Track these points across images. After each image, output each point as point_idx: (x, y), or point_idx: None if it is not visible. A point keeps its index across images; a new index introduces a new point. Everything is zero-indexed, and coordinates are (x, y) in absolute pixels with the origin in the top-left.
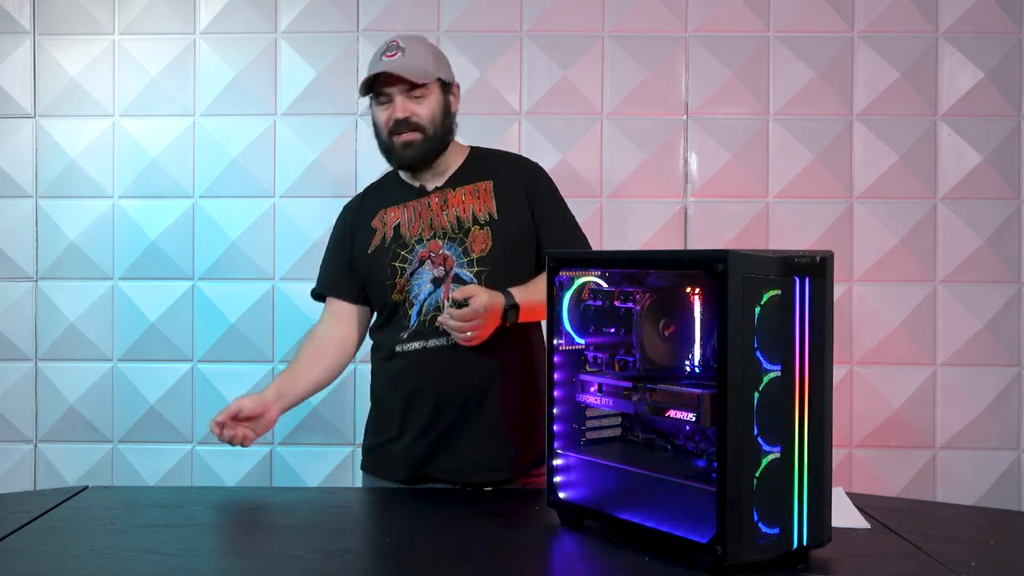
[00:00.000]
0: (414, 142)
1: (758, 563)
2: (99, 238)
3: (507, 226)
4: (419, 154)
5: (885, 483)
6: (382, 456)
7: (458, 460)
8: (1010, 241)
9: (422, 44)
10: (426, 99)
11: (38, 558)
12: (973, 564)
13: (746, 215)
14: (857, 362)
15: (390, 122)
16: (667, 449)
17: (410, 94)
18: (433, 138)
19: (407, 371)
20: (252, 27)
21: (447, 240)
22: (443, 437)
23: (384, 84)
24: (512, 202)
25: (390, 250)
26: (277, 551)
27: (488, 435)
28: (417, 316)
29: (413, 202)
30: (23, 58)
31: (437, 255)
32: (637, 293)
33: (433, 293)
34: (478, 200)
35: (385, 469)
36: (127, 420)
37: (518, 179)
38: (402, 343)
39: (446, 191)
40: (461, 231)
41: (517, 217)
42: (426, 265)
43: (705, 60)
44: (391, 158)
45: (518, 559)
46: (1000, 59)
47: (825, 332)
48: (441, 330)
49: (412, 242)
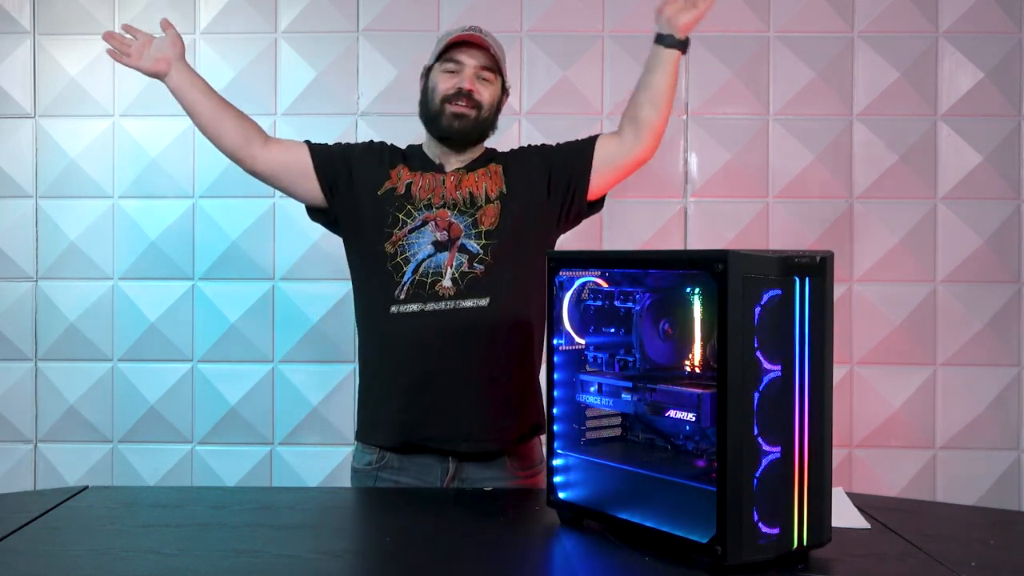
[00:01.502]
0: (467, 116)
1: (758, 563)
2: (99, 238)
3: (518, 200)
4: (465, 129)
5: (885, 483)
6: (373, 422)
7: (449, 428)
8: (1010, 241)
9: (499, 44)
10: (492, 85)
11: (38, 558)
12: (973, 564)
13: (746, 215)
14: (857, 362)
15: (453, 89)
16: (667, 449)
17: (480, 72)
18: (482, 122)
19: (402, 333)
20: (252, 27)
21: (456, 211)
22: (435, 403)
23: (461, 52)
24: (523, 176)
25: (397, 200)
26: (277, 551)
27: (480, 404)
28: (412, 274)
29: (430, 174)
30: (23, 58)
31: (443, 220)
32: (637, 293)
33: (433, 256)
34: (490, 180)
35: (376, 436)
36: (127, 420)
37: (526, 155)
38: (398, 303)
39: (461, 173)
40: (473, 207)
41: (529, 193)
42: (429, 226)
43: (705, 60)
44: (435, 123)
45: (518, 559)
46: (1000, 59)
47: (825, 332)
48: (440, 294)
49: (421, 204)
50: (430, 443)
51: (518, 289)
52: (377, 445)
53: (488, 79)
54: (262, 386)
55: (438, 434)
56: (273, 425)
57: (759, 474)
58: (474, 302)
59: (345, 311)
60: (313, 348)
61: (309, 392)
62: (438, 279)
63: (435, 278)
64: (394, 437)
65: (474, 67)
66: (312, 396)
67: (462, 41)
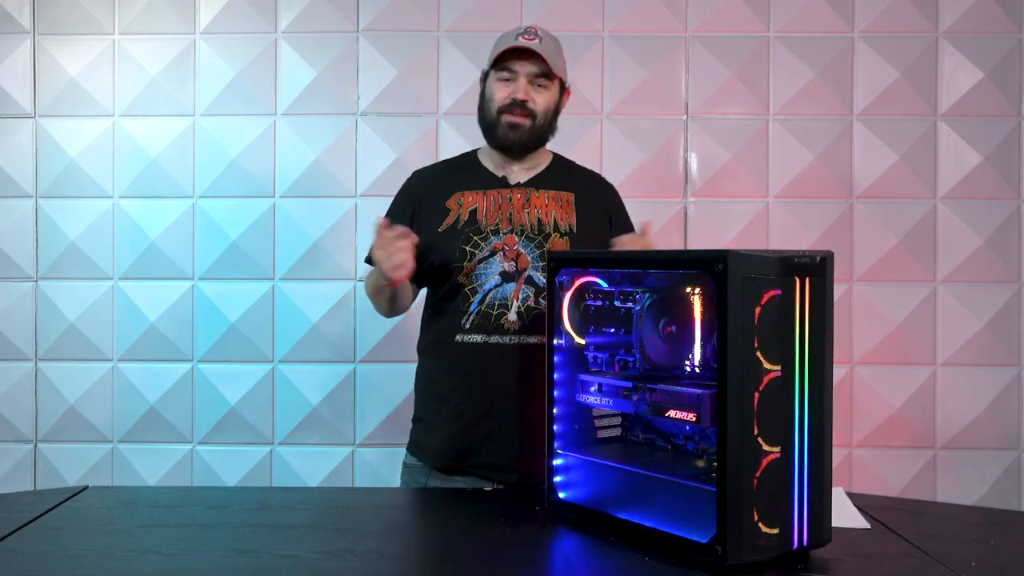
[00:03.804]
0: (522, 126)
1: (758, 563)
2: (99, 238)
3: (585, 241)
4: (522, 139)
5: (885, 483)
6: (425, 442)
7: (498, 458)
8: (1010, 241)
9: (555, 41)
10: (547, 91)
11: (38, 558)
12: (973, 564)
13: (746, 215)
14: (857, 362)
15: (507, 99)
16: (667, 449)
17: (535, 80)
18: (539, 129)
19: (464, 363)
20: (252, 27)
21: (524, 238)
22: (490, 434)
23: (515, 61)
24: (593, 218)
25: (462, 233)
26: (277, 551)
27: (531, 440)
28: (479, 305)
29: (494, 192)
30: (23, 58)
31: (511, 249)
32: (637, 293)
33: (500, 287)
34: (560, 208)
35: (425, 456)
36: (127, 420)
37: (600, 197)
38: (463, 332)
39: (529, 190)
40: (541, 234)
41: (596, 233)
42: (497, 256)
43: (705, 60)
44: (492, 135)
45: (518, 559)
46: (1000, 59)
47: (825, 332)
48: (504, 328)
49: (488, 231)
50: (477, 471)
51: None
52: (424, 464)
53: (544, 85)
54: (262, 386)
55: (487, 462)
56: (273, 425)
57: (759, 474)
58: (539, 339)
59: (345, 311)
60: (313, 348)
61: (309, 392)
62: (504, 312)
63: (500, 310)
64: (444, 460)
65: (527, 75)
66: (312, 396)
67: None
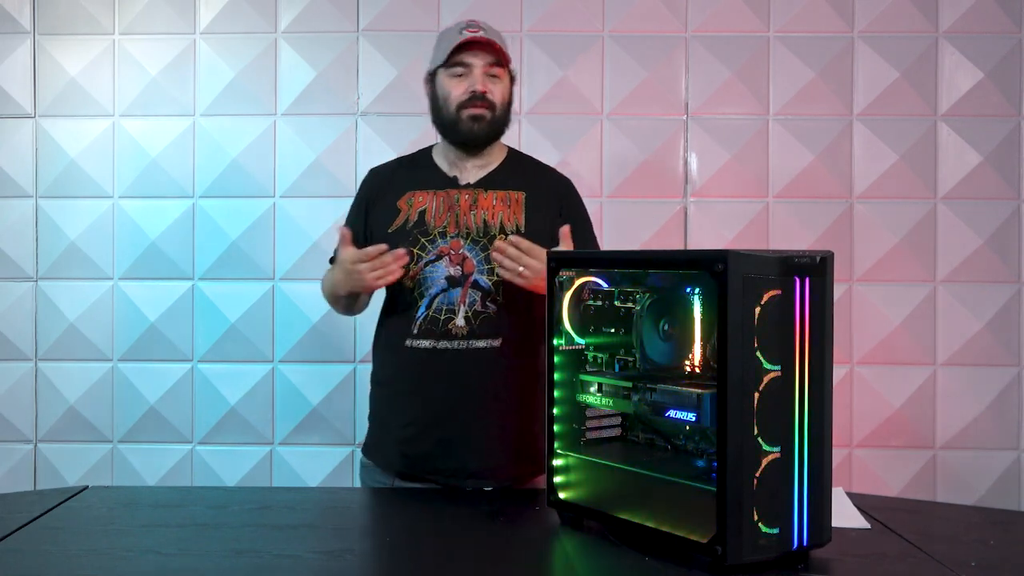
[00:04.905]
0: (484, 117)
1: (758, 563)
2: (99, 238)
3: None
4: (485, 131)
5: (885, 483)
6: (381, 444)
7: (456, 463)
8: (1010, 241)
9: (498, 33)
10: (501, 81)
11: (38, 558)
12: (973, 564)
13: (746, 215)
14: (857, 362)
15: (466, 93)
16: (667, 449)
17: (488, 71)
18: (498, 120)
19: (414, 368)
20: (252, 27)
21: (470, 241)
22: (444, 439)
23: (466, 54)
24: (542, 217)
25: (411, 234)
26: (277, 551)
27: (489, 443)
28: (426, 310)
29: (443, 192)
30: (23, 58)
31: (456, 253)
32: (637, 293)
33: (446, 291)
34: (508, 209)
35: (379, 458)
36: (127, 420)
37: (554, 194)
38: (412, 338)
39: (478, 192)
40: (486, 236)
41: (546, 232)
42: (444, 261)
43: (705, 60)
44: (453, 131)
45: (518, 559)
46: (1000, 59)
47: (825, 332)
48: (453, 332)
49: (435, 233)
50: (433, 476)
51: (528, 330)
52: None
53: (497, 75)
54: (262, 386)
55: (442, 467)
56: (273, 425)
57: (759, 474)
58: (487, 343)
59: None
60: (313, 348)
61: (309, 392)
62: (451, 316)
63: (448, 315)
64: (398, 465)
65: (482, 67)
66: (312, 396)
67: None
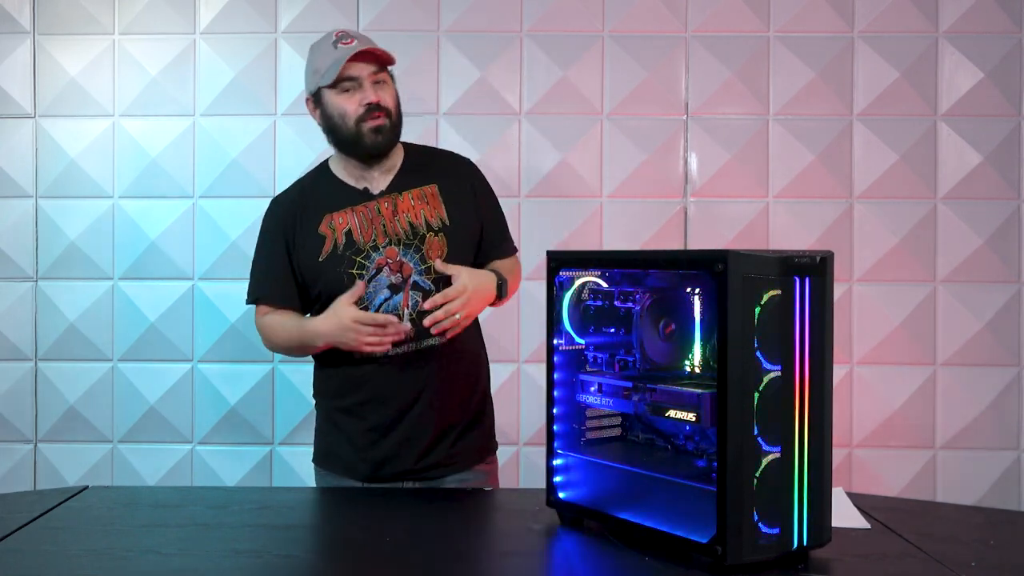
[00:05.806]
0: (383, 127)
1: (758, 563)
2: (99, 238)
3: (460, 231)
4: (388, 139)
5: (885, 483)
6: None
7: (417, 461)
8: (1010, 241)
9: (368, 38)
10: (387, 85)
11: (38, 558)
12: (973, 564)
13: (746, 215)
14: (857, 362)
15: (361, 107)
16: (667, 449)
17: (374, 79)
18: (396, 125)
19: (367, 376)
20: (252, 27)
21: (402, 247)
22: (403, 442)
23: (352, 67)
24: (461, 206)
25: (344, 257)
26: (277, 551)
27: (442, 438)
28: None
29: (361, 207)
30: (23, 58)
31: (394, 261)
32: (637, 293)
33: (390, 299)
34: (428, 206)
35: (341, 466)
36: (127, 420)
37: (464, 180)
38: None
39: (394, 196)
40: (416, 237)
41: (468, 222)
42: (383, 271)
43: (705, 60)
44: (357, 146)
45: (518, 559)
46: (1000, 59)
47: (825, 332)
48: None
49: (367, 248)
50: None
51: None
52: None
53: (383, 80)
54: (262, 386)
55: (405, 467)
56: (273, 425)
57: (759, 474)
58: (435, 340)
59: None
60: None
61: (309, 392)
62: None
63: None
64: (361, 473)
65: (368, 76)
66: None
67: None
